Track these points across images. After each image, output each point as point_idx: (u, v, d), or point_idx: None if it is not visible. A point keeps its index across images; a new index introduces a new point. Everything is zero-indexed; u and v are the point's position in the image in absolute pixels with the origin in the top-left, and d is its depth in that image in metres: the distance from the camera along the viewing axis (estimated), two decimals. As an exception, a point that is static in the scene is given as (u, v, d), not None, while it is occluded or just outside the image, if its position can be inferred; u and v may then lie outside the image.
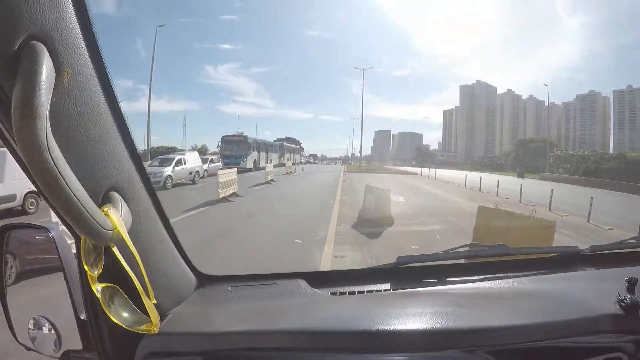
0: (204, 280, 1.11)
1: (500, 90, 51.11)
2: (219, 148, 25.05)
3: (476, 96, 54.61)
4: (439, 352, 0.82)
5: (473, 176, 18.52)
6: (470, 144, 56.48)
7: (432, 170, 24.88)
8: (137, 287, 0.72)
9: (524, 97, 49.67)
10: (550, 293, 1.06)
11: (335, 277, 1.24)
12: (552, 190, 11.35)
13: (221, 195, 10.48)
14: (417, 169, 30.16)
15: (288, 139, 38.10)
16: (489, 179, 17.37)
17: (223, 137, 24.82)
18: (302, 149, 39.86)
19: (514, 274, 1.18)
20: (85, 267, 0.64)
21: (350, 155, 48.13)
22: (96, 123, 0.67)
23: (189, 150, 25.26)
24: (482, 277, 1.18)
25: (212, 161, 20.01)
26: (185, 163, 15.37)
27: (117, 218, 0.65)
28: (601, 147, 38.90)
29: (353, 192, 13.03)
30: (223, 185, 10.77)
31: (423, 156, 50.99)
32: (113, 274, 0.69)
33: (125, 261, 0.69)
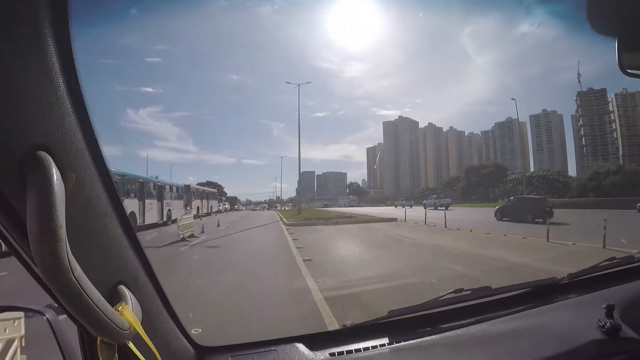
0: (203, 352, 1.08)
1: (422, 124, 51.53)
2: None
3: (399, 131, 54.49)
4: None
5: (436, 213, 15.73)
6: (397, 178, 54.79)
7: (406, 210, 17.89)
8: None
9: (445, 130, 50.56)
10: (537, 329, 1.15)
11: (333, 337, 1.22)
12: (606, 220, 8.26)
13: None
14: (383, 209, 23.08)
15: (209, 184, 28.38)
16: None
17: None
18: (224, 193, 30.10)
19: (502, 312, 1.27)
20: None
21: (275, 199, 42.05)
22: (101, 222, 0.64)
23: None
24: (472, 319, 1.23)
25: None
26: None
27: (131, 316, 0.64)
28: (522, 168, 39.88)
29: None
30: None
31: (359, 194, 45.71)
32: None
33: (142, 354, 0.69)
